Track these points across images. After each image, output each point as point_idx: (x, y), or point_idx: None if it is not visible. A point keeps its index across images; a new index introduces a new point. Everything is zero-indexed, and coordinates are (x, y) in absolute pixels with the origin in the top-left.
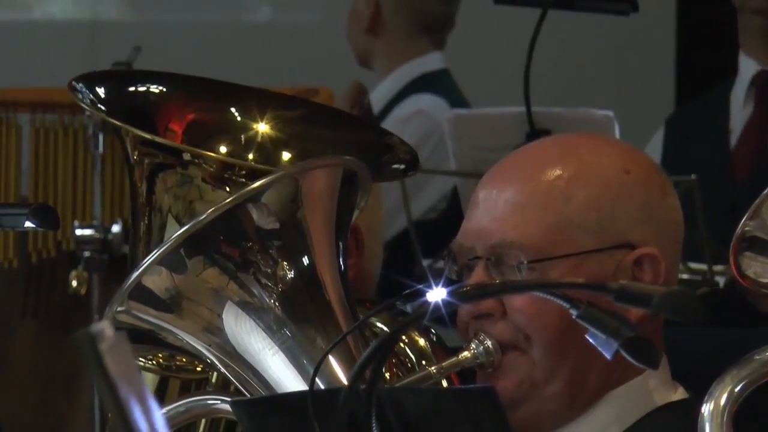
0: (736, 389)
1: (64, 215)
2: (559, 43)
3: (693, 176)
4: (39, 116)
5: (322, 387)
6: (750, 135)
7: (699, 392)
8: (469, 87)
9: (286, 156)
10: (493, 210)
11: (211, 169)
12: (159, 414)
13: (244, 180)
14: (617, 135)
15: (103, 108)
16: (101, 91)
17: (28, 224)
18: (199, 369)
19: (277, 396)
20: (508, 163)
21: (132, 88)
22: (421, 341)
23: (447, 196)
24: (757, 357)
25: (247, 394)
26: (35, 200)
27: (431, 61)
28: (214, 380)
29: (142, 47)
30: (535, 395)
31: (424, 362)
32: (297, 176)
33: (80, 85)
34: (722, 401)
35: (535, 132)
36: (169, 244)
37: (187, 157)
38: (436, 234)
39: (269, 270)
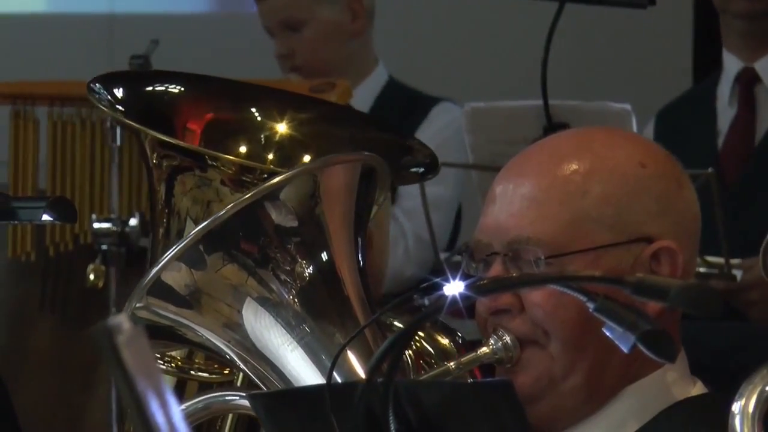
0: (767, 389)
1: (82, 208)
2: (576, 37)
3: (710, 169)
4: (57, 109)
5: (340, 381)
6: (737, 135)
7: (718, 387)
8: (486, 80)
9: (306, 157)
10: (509, 206)
11: (230, 172)
12: (177, 408)
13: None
14: (634, 128)
15: (121, 109)
16: (119, 92)
17: (45, 217)
18: (225, 372)
19: (294, 389)
20: (524, 158)
21: (150, 88)
22: (445, 341)
23: None
24: None
25: (266, 390)
26: (53, 193)
27: (383, 71)
28: (239, 383)
29: (159, 40)
30: (553, 390)
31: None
32: (316, 172)
33: (98, 86)
34: (752, 402)
35: (552, 125)
36: (187, 240)
37: (210, 160)
38: None
39: (288, 266)
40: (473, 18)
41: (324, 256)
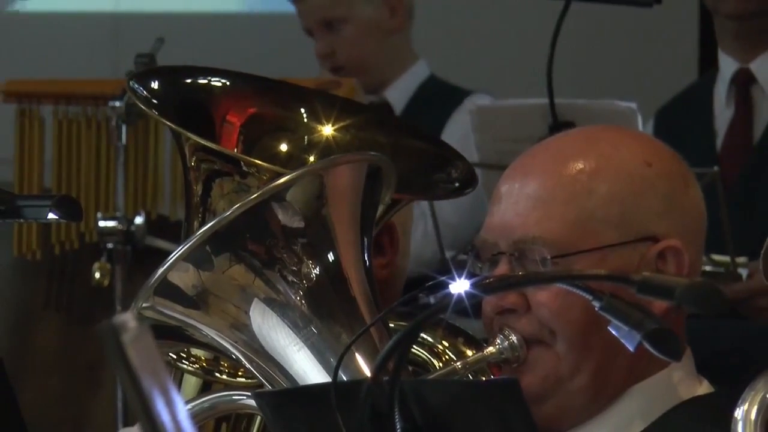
0: None
1: (87, 207)
2: (582, 35)
3: (716, 168)
4: (62, 108)
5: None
6: (734, 135)
7: (724, 385)
8: (492, 78)
9: None
10: (515, 205)
11: (265, 178)
12: (182, 406)
13: None
14: (640, 127)
15: (158, 104)
16: (157, 87)
17: (51, 216)
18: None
19: (300, 387)
20: (529, 157)
21: (190, 81)
22: (469, 352)
23: None
24: None
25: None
26: (58, 192)
27: (424, 67)
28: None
29: (164, 38)
30: (560, 390)
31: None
32: (321, 172)
33: (135, 83)
34: (755, 408)
35: (558, 124)
36: (194, 240)
37: (245, 167)
38: None
39: (294, 266)
40: (478, 17)
41: (330, 256)
